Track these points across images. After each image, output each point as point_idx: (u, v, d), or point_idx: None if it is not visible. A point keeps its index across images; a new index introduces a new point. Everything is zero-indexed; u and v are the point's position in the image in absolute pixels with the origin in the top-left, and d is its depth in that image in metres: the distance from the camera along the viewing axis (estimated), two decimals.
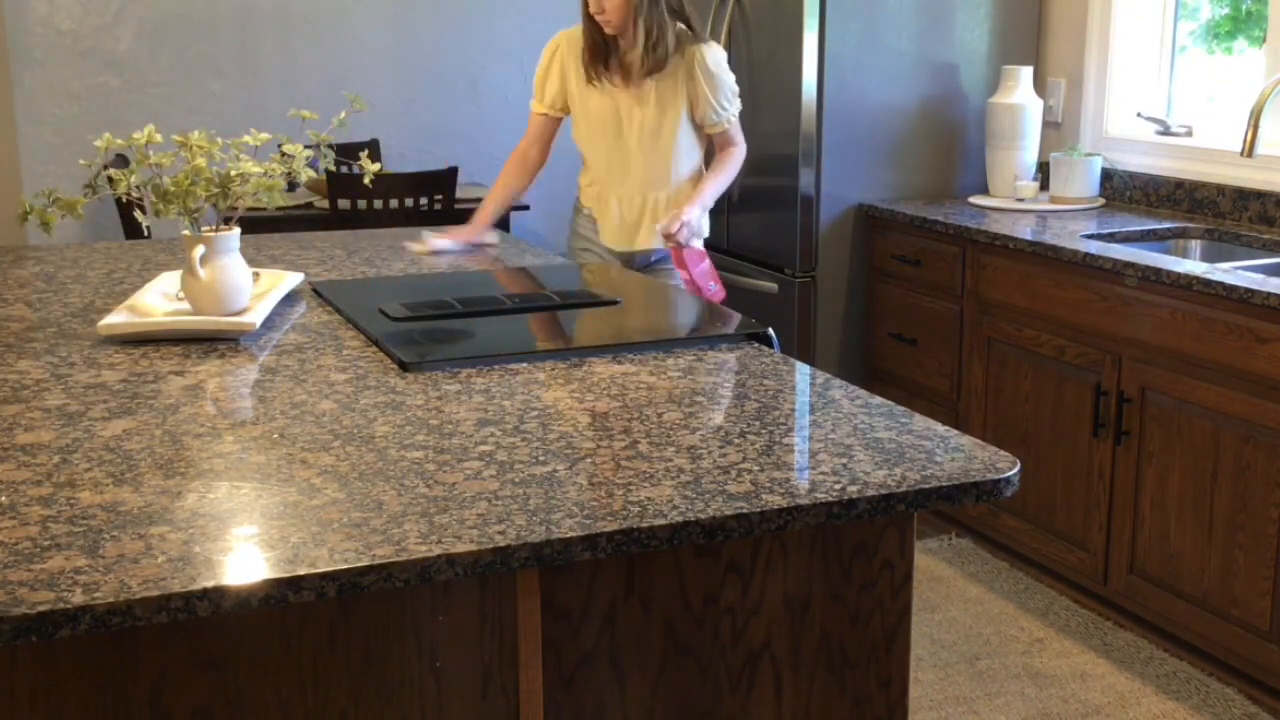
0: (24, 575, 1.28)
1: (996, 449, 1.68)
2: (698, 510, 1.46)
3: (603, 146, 3.26)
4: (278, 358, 2.14)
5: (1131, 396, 3.14)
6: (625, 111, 3.19)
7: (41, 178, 5.04)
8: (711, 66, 3.16)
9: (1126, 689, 3.01)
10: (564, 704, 1.55)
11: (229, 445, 1.70)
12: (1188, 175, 3.76)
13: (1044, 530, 3.48)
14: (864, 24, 4.01)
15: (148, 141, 2.21)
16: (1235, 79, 3.89)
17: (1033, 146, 4.04)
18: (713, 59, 3.17)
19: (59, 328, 2.34)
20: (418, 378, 2.00)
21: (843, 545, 1.64)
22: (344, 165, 3.61)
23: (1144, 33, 4.01)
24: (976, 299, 3.66)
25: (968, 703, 2.95)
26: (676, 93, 3.16)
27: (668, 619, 1.57)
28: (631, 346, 2.19)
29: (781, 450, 1.68)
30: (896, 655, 1.70)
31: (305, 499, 1.49)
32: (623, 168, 3.25)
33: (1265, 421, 2.80)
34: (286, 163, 2.29)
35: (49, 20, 5.08)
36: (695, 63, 3.14)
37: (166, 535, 1.39)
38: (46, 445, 1.69)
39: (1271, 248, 3.36)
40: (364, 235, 3.45)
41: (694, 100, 3.17)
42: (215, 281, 2.25)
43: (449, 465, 1.60)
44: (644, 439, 1.71)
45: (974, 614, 3.39)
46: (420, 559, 1.34)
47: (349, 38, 5.46)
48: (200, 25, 5.26)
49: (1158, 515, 3.11)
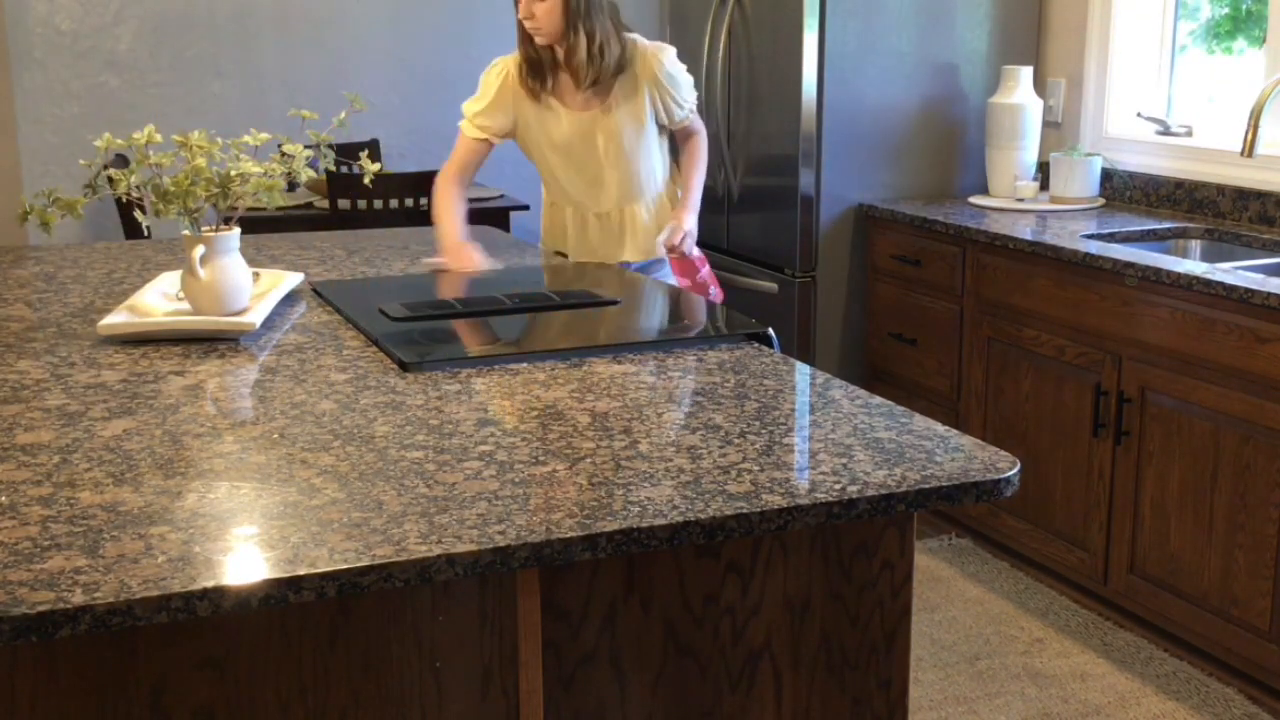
0: (24, 575, 1.28)
1: (996, 449, 1.68)
2: (698, 510, 1.46)
3: (572, 167, 3.11)
4: (278, 358, 2.14)
5: (1131, 396, 3.14)
6: (588, 128, 3.05)
7: (41, 178, 5.03)
8: (670, 69, 3.05)
9: (1126, 689, 3.01)
10: (564, 704, 1.55)
11: (229, 445, 1.70)
12: (1188, 175, 3.76)
13: (1044, 530, 3.48)
14: (864, 24, 4.01)
15: (148, 141, 2.21)
16: (1235, 79, 3.89)
17: (1033, 146, 4.04)
18: (670, 61, 3.06)
19: (59, 328, 2.34)
20: (418, 378, 2.00)
21: (843, 545, 1.64)
22: (344, 165, 3.61)
23: (1144, 33, 4.01)
24: (976, 299, 3.66)
25: (968, 703, 2.95)
26: (638, 100, 3.04)
27: (668, 619, 1.57)
28: (631, 346, 2.19)
29: (781, 450, 1.68)
30: (896, 655, 1.70)
31: (305, 499, 1.49)
32: (595, 184, 3.11)
33: (1265, 421, 2.80)
34: (286, 163, 2.29)
35: (49, 20, 5.08)
36: (655, 68, 3.03)
37: (166, 535, 1.39)
38: (46, 445, 1.69)
39: (1271, 248, 3.36)
40: (364, 235, 3.46)
41: (662, 104, 3.07)
42: (215, 281, 2.25)
43: (449, 465, 1.60)
44: (644, 439, 1.71)
45: (974, 614, 3.39)
46: (420, 559, 1.34)
47: (349, 38, 5.46)
48: (200, 25, 5.26)
49: (1158, 515, 3.11)
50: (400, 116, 5.55)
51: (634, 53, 3.03)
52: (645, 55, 3.04)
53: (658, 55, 3.04)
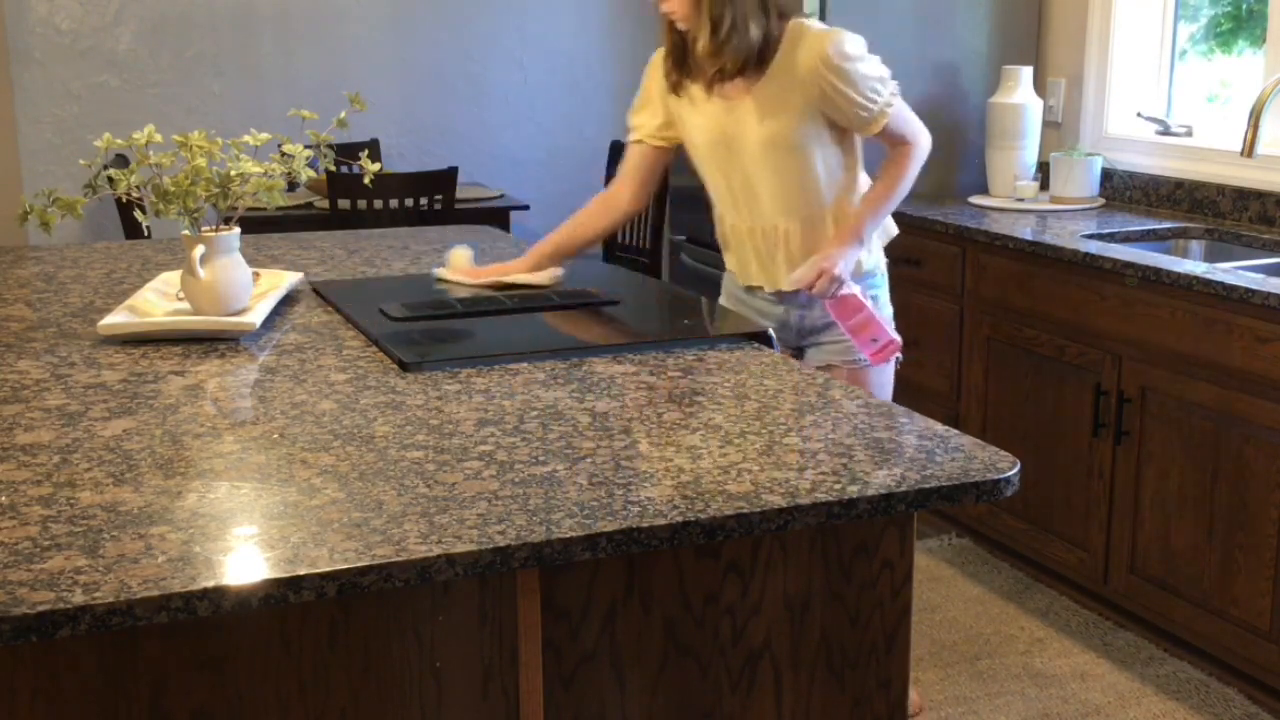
0: (24, 575, 1.28)
1: (996, 449, 1.68)
2: (698, 510, 1.46)
3: (717, 170, 2.69)
4: (278, 358, 2.14)
5: (1131, 396, 3.14)
6: (733, 124, 2.60)
7: (41, 178, 5.04)
8: (837, 60, 2.50)
9: (1126, 689, 3.01)
10: (564, 704, 1.55)
11: (229, 445, 1.70)
12: (1188, 175, 3.76)
13: (1044, 530, 3.48)
14: (864, 24, 3.97)
15: (148, 141, 2.21)
16: (1235, 79, 3.89)
17: (1033, 146, 4.04)
18: (837, 49, 2.51)
19: (59, 328, 2.34)
20: (418, 378, 2.00)
21: (843, 545, 1.64)
22: (344, 165, 3.61)
23: (1144, 33, 4.01)
24: (976, 299, 3.66)
25: (968, 703, 2.95)
26: (793, 94, 2.53)
27: (668, 619, 1.57)
28: (631, 346, 2.19)
29: (781, 450, 1.68)
30: (896, 655, 1.70)
31: (305, 499, 1.49)
32: (746, 193, 2.66)
33: (1265, 421, 2.80)
34: (286, 163, 2.29)
35: (49, 20, 5.08)
36: (817, 57, 2.50)
37: (166, 535, 1.39)
38: (46, 445, 1.69)
39: (1271, 248, 3.36)
40: (364, 235, 3.46)
41: (829, 102, 2.54)
42: (215, 281, 2.25)
43: (449, 465, 1.60)
44: (644, 439, 1.71)
45: (974, 614, 3.38)
46: (420, 559, 1.34)
47: (349, 38, 5.46)
48: (200, 25, 5.26)
49: (1158, 515, 3.11)
50: (400, 116, 5.56)
51: (797, 38, 2.53)
52: (808, 41, 2.52)
53: (823, 41, 2.51)
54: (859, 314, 2.56)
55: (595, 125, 5.73)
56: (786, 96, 2.54)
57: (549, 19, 5.68)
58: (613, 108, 5.78)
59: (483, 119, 5.65)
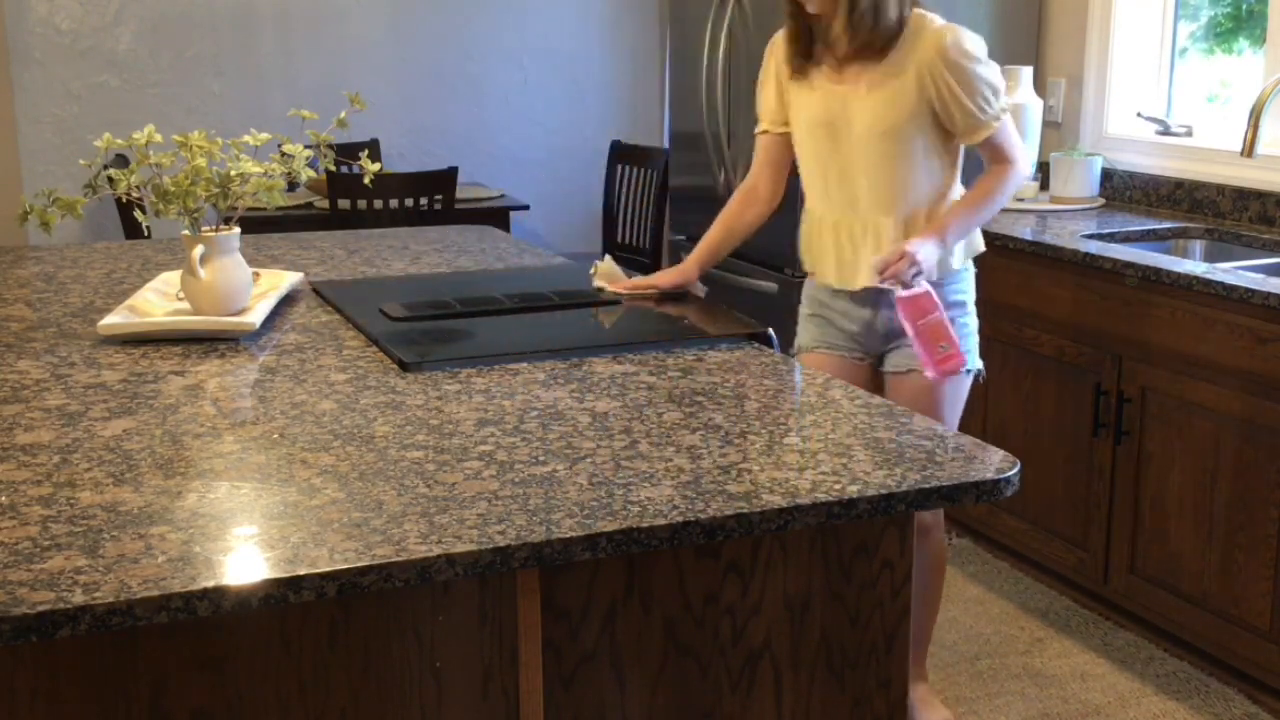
0: (24, 575, 1.28)
1: (996, 449, 1.68)
2: (698, 510, 1.46)
3: (816, 158, 2.61)
4: (278, 358, 2.14)
5: (1131, 396, 3.14)
6: (840, 109, 2.53)
7: (42, 178, 5.04)
8: (954, 55, 2.46)
9: (1126, 689, 3.01)
10: (564, 704, 1.55)
11: (229, 445, 1.70)
12: (1188, 175, 3.76)
13: (1044, 530, 3.48)
14: None
15: (148, 141, 2.21)
16: (1235, 79, 3.89)
17: (1033, 146, 4.03)
18: (955, 45, 2.46)
19: (59, 328, 2.34)
20: (418, 378, 2.00)
21: (843, 545, 1.64)
22: (344, 165, 3.61)
23: (1144, 33, 4.01)
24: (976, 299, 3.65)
25: (968, 703, 2.95)
26: (905, 84, 2.48)
27: (668, 619, 1.57)
28: (631, 346, 2.19)
29: (781, 450, 1.68)
30: (896, 655, 1.70)
31: (305, 499, 1.49)
32: (840, 184, 2.58)
33: (1265, 421, 2.80)
34: (286, 163, 2.29)
35: (49, 20, 5.08)
36: (934, 49, 2.46)
37: (166, 535, 1.39)
38: (46, 445, 1.69)
39: (1271, 248, 3.36)
40: (364, 235, 3.46)
41: (940, 99, 2.49)
42: (215, 281, 2.25)
43: (449, 465, 1.60)
44: (644, 439, 1.71)
45: (974, 614, 3.39)
46: (420, 559, 1.34)
47: (349, 38, 5.46)
48: (200, 25, 5.26)
49: (1158, 515, 3.11)
50: (400, 116, 5.55)
51: (918, 29, 2.48)
52: (930, 33, 2.47)
53: (943, 35, 2.47)
54: (929, 315, 2.43)
55: (595, 125, 5.73)
56: (899, 86, 2.49)
57: (549, 19, 5.68)
58: (613, 108, 5.78)
59: (483, 119, 5.65)
